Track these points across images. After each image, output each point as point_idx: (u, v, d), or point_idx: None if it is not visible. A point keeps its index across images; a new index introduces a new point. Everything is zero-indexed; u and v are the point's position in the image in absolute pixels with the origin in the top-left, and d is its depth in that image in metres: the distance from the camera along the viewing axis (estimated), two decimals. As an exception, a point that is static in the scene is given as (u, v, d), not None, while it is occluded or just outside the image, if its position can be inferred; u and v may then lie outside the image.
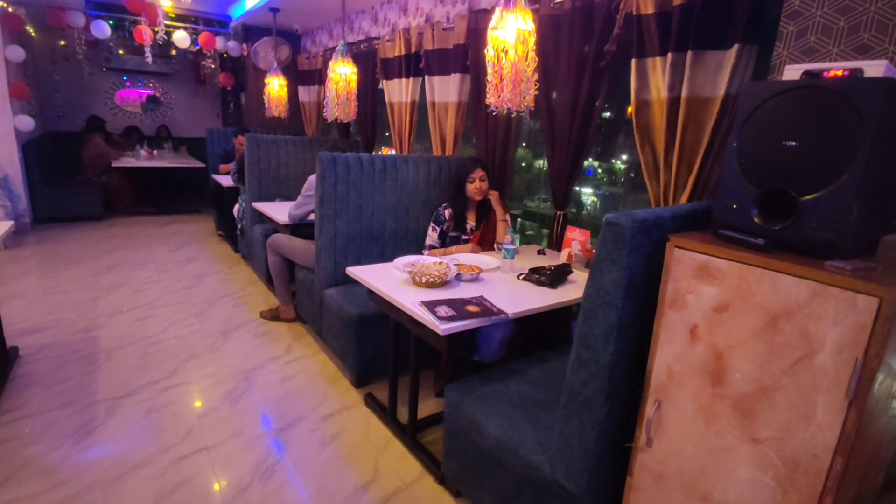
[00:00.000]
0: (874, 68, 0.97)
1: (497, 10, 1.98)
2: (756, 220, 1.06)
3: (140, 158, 6.09)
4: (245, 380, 2.54)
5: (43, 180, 5.32)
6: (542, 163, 3.62)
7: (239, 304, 3.54)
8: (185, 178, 6.72)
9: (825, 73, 1.02)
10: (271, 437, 2.13)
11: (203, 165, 6.16)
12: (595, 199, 3.73)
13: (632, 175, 3.50)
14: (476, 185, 2.62)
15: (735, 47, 1.77)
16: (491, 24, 1.99)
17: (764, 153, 1.05)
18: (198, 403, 2.32)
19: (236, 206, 4.41)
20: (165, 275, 4.06)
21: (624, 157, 3.53)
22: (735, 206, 1.10)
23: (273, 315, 3.29)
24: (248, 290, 3.81)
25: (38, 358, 2.60)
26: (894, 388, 1.02)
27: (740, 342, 1.02)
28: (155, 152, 6.42)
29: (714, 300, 1.06)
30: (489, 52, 2.03)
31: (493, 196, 2.67)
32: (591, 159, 3.72)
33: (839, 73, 1.00)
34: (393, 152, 4.44)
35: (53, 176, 5.59)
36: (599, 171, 3.66)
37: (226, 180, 4.72)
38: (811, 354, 0.92)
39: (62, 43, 6.24)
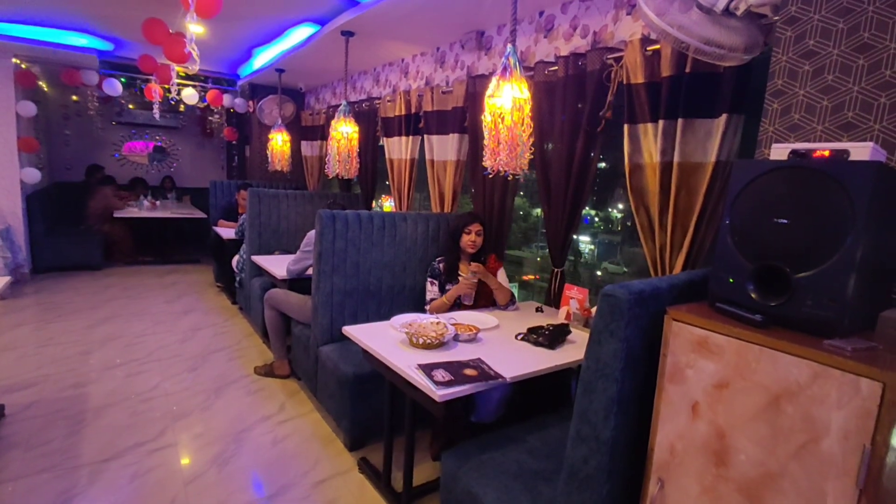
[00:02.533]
0: (860, 150, 1.00)
1: (494, 80, 2.06)
2: (752, 295, 1.06)
3: (143, 209, 6.16)
4: (234, 441, 2.45)
5: (45, 230, 5.37)
6: (538, 211, 3.69)
7: (234, 358, 3.48)
8: (187, 228, 6.78)
9: (813, 153, 1.04)
10: (259, 505, 2.04)
11: (204, 216, 6.23)
12: (592, 247, 3.75)
13: (628, 224, 3.54)
14: (471, 238, 2.64)
15: (723, 116, 1.84)
16: (488, 93, 2.07)
17: (756, 229, 1.07)
18: (185, 468, 2.23)
19: (236, 258, 4.43)
20: (161, 327, 4.02)
21: (620, 205, 3.59)
22: (731, 280, 1.10)
23: (267, 371, 3.22)
24: (243, 344, 3.75)
25: (22, 417, 2.53)
26: (905, 472, 0.99)
27: (743, 422, 1.00)
28: (158, 203, 6.50)
29: (714, 376, 1.04)
30: (486, 118, 2.10)
31: (493, 261, 2.69)
32: (588, 208, 3.78)
33: (826, 153, 1.02)
34: (392, 201, 4.51)
35: (56, 225, 5.64)
36: (597, 219, 3.70)
37: (226, 232, 4.75)
38: (817, 439, 0.89)
39: (75, 98, 6.47)
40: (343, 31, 3.41)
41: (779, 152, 1.10)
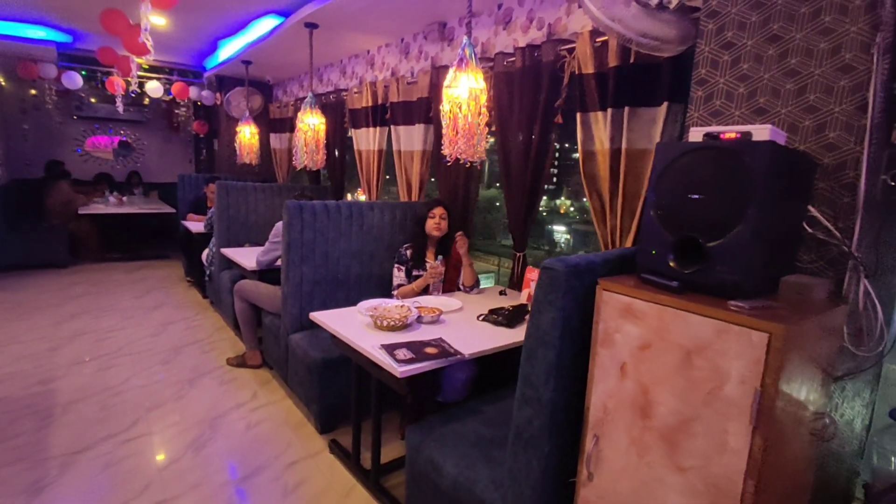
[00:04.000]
0: (761, 132, 1.12)
1: (451, 70, 2.14)
2: (672, 264, 1.17)
3: (109, 205, 6.05)
4: (209, 428, 2.50)
5: (6, 227, 5.23)
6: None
7: (206, 350, 3.51)
8: (155, 223, 6.68)
9: (722, 136, 1.16)
10: (234, 486, 2.10)
11: (173, 211, 6.16)
12: (568, 237, 3.87)
13: None
14: (435, 222, 2.71)
15: (664, 104, 1.96)
16: (446, 83, 2.15)
17: (676, 204, 1.18)
18: (159, 455, 2.28)
19: (205, 252, 4.42)
20: (131, 322, 4.00)
21: None
22: (654, 252, 1.21)
23: (240, 361, 3.26)
24: (215, 337, 3.77)
25: (-11, 413, 2.53)
26: (802, 416, 1.12)
27: (663, 377, 1.12)
28: (125, 198, 6.39)
29: (638, 339, 1.16)
30: (444, 108, 2.18)
31: (460, 238, 2.74)
32: (562, 198, 3.89)
33: (733, 135, 1.14)
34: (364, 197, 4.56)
35: (16, 223, 5.50)
36: (572, 209, 3.82)
37: (195, 226, 4.73)
38: (721, 386, 1.01)
39: (32, 92, 6.29)
40: (306, 22, 3.43)
41: (696, 135, 1.22)
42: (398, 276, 2.74)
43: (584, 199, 3.66)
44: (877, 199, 1.19)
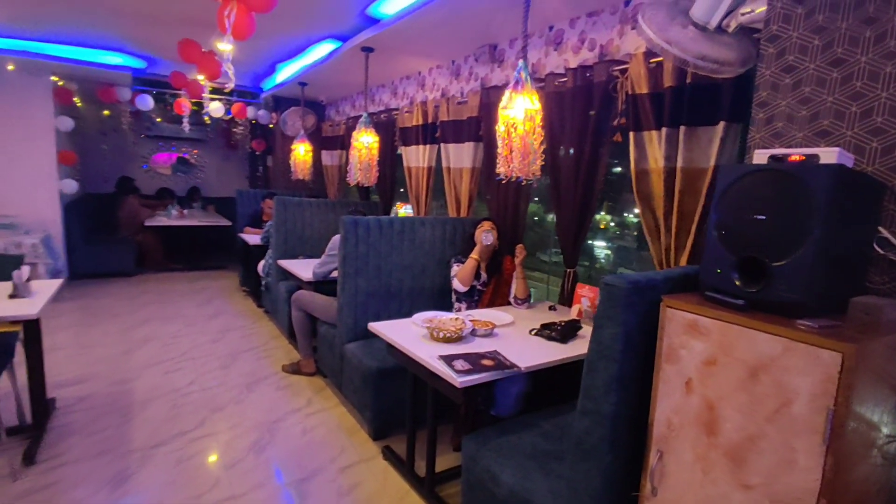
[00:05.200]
0: (828, 155, 1.14)
1: (507, 92, 2.22)
2: (737, 283, 1.20)
3: (171, 217, 6.46)
4: (268, 431, 2.64)
5: (82, 238, 5.67)
6: (552, 217, 3.83)
7: (262, 357, 3.69)
8: (213, 235, 7.06)
9: (788, 158, 1.19)
10: (293, 487, 2.21)
11: (229, 223, 6.50)
12: (609, 252, 3.86)
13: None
14: (483, 229, 2.76)
15: (721, 124, 1.97)
16: (501, 104, 2.23)
17: (738, 224, 1.21)
18: (224, 454, 2.43)
19: (261, 263, 4.65)
20: (193, 329, 4.25)
21: (636, 210, 3.68)
22: (718, 271, 1.24)
23: (294, 369, 3.42)
24: (270, 345, 3.96)
25: (77, 409, 2.76)
26: (873, 438, 1.11)
27: (728, 393, 1.14)
28: (185, 212, 6.80)
29: (703, 354, 1.19)
30: (500, 128, 2.26)
31: (519, 249, 2.78)
32: (602, 213, 3.90)
33: (798, 158, 1.17)
34: (407, 208, 4.70)
35: (91, 234, 5.96)
36: (612, 224, 3.81)
37: (252, 238, 4.99)
38: (788, 404, 1.03)
39: (106, 113, 6.81)
40: (363, 47, 3.61)
41: (759, 157, 1.25)
42: (455, 268, 2.81)
43: (626, 215, 3.67)
44: (950, 220, 1.18)
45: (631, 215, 3.67)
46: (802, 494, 1.02)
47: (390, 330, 2.29)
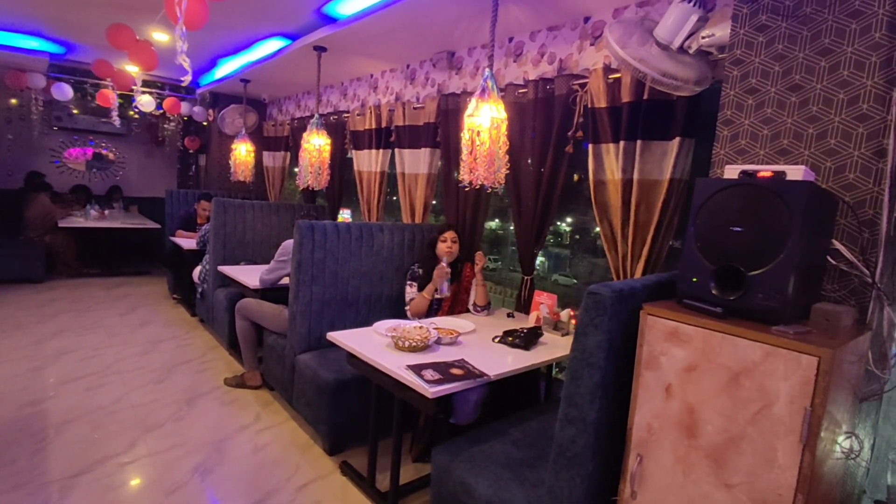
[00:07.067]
0: (794, 172, 1.22)
1: (473, 100, 2.22)
2: (714, 291, 1.26)
3: (90, 218, 5.88)
4: (215, 451, 2.44)
5: (-20, 240, 5.02)
6: (492, 224, 3.94)
7: (201, 370, 3.42)
8: (136, 238, 6.50)
9: (758, 174, 1.26)
10: (246, 511, 2.06)
11: (158, 226, 6.03)
12: (543, 260, 3.98)
13: (576, 237, 3.79)
14: (447, 245, 2.76)
15: (676, 139, 2.08)
16: (467, 112, 2.23)
17: (716, 236, 1.27)
18: (163, 479, 2.21)
19: (197, 269, 4.33)
20: (117, 339, 3.87)
21: (569, 219, 3.82)
22: (695, 280, 1.29)
23: (239, 382, 3.20)
24: (209, 356, 3.69)
25: (-21, 436, 2.41)
26: (836, 435, 1.20)
27: (709, 397, 1.18)
28: (106, 212, 6.22)
29: (684, 361, 1.23)
30: (465, 136, 2.25)
31: (479, 256, 2.77)
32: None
33: (769, 174, 1.24)
34: (347, 214, 4.58)
35: (-8, 236, 5.29)
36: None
37: (186, 243, 4.64)
38: (769, 406, 1.09)
39: (13, 102, 6.11)
40: (316, 46, 3.49)
41: (731, 172, 1.32)
42: (410, 291, 2.77)
43: (559, 224, 3.79)
44: (891, 234, 1.31)
45: (564, 224, 3.81)
46: (782, 490, 1.07)
47: (351, 339, 2.20)
